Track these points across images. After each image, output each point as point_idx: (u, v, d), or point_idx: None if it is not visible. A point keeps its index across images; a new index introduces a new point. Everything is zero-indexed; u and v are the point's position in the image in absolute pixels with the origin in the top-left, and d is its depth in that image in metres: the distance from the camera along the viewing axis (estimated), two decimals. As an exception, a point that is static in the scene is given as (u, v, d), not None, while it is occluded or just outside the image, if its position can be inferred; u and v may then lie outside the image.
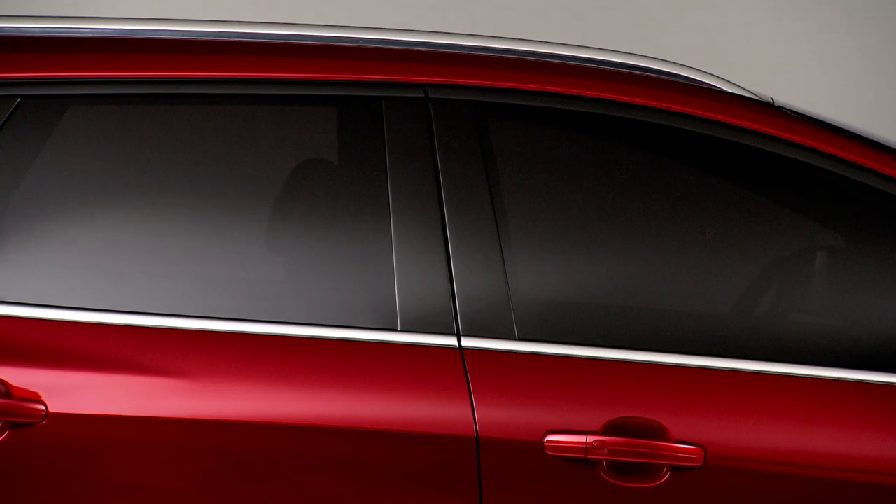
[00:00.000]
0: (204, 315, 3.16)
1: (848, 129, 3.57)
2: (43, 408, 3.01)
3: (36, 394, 3.04)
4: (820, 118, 3.55)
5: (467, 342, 3.14)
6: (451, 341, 3.14)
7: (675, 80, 3.55)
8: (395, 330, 3.14)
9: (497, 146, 3.35)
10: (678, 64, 3.76)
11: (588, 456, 3.10)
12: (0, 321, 3.13)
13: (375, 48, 3.48)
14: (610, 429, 3.09)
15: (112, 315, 3.14)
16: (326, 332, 3.15)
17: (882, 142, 3.59)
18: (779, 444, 3.14)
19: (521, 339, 3.16)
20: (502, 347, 3.15)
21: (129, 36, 3.53)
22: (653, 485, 3.11)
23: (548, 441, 3.09)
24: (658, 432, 3.12)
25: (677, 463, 3.10)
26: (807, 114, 3.55)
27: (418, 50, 3.48)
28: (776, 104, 3.51)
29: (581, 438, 3.10)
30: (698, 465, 3.08)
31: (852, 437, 3.19)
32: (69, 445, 3.07)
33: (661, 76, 3.60)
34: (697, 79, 3.59)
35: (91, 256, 3.31)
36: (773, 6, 9.18)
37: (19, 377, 3.04)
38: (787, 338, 3.32)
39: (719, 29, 8.89)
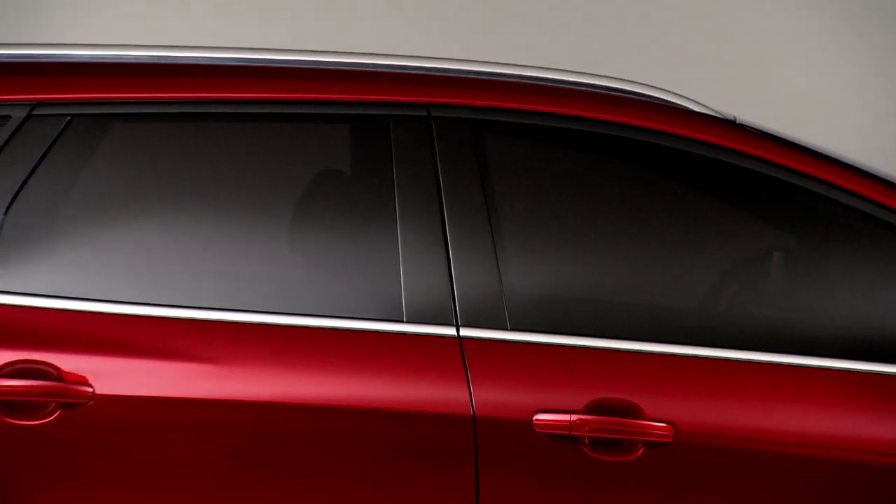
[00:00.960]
0: (232, 308, 3.18)
1: (800, 143, 3.55)
2: (90, 390, 3.05)
3: (84, 378, 3.06)
4: (776, 134, 3.55)
5: (465, 332, 3.16)
6: (450, 331, 3.16)
7: (650, 100, 3.56)
8: (401, 321, 3.17)
9: (491, 158, 3.36)
10: (652, 86, 3.72)
11: (572, 433, 3.11)
12: (53, 314, 3.14)
13: (383, 72, 3.49)
14: (591, 408, 3.10)
15: (150, 308, 3.16)
16: (340, 323, 3.17)
17: (830, 154, 3.57)
18: (741, 423, 3.16)
19: (513, 329, 3.18)
20: (496, 337, 3.17)
21: (165, 62, 3.53)
22: (629, 458, 3.12)
23: (536, 419, 3.11)
24: (634, 411, 3.14)
25: (651, 439, 3.13)
26: (765, 130, 3.53)
27: (421, 73, 3.50)
28: (738, 121, 3.52)
29: (566, 417, 3.12)
30: (669, 440, 3.11)
31: (806, 417, 3.19)
32: (113, 423, 3.09)
33: (637, 97, 3.62)
34: (669, 99, 3.58)
35: (131, 256, 3.30)
36: (737, 31, 9.24)
37: (69, 363, 3.06)
38: (748, 328, 3.35)
39: (691, 53, 8.97)
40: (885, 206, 3.39)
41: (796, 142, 3.53)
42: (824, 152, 3.54)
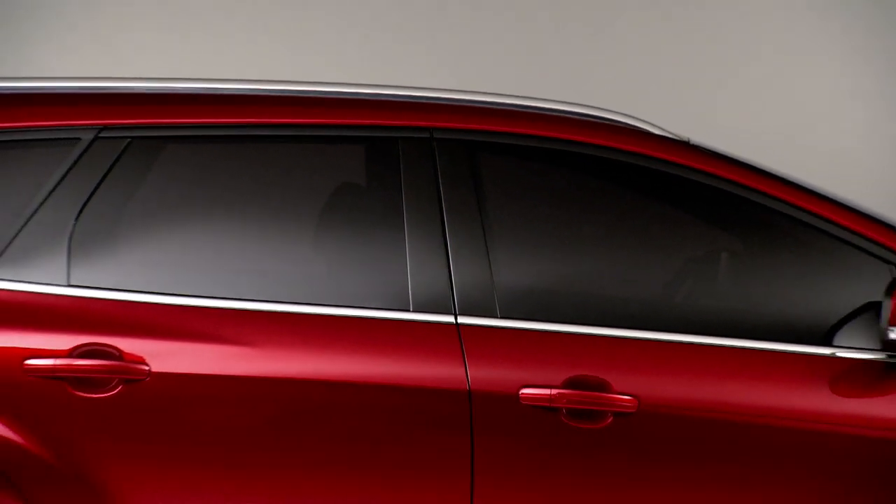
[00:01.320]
0: (266, 299, 3.39)
1: (744, 160, 3.75)
2: (147, 368, 3.27)
3: (142, 358, 3.28)
4: (724, 153, 3.73)
5: (462, 320, 3.36)
6: (449, 319, 3.36)
7: (619, 124, 3.75)
8: (407, 310, 3.38)
9: (483, 173, 3.55)
10: (622, 113, 3.93)
11: (552, 404, 3.31)
12: (116, 304, 3.36)
13: (392, 101, 3.68)
14: (568, 384, 3.31)
15: (197, 299, 3.38)
16: (357, 312, 3.38)
17: (769, 169, 3.75)
18: (695, 396, 3.36)
19: (503, 317, 3.38)
20: (488, 324, 3.37)
21: (209, 92, 3.74)
22: (600, 426, 3.32)
23: (522, 393, 3.31)
24: (604, 386, 3.33)
25: (618, 410, 3.33)
26: (714, 150, 3.72)
27: (424, 102, 3.69)
28: (691, 142, 3.74)
29: (547, 391, 3.31)
30: (634, 411, 3.32)
31: (747, 391, 3.40)
32: (165, 397, 3.31)
33: (609, 122, 3.79)
34: (635, 124, 3.80)
35: (181, 256, 3.53)
36: (694, 63, 9.37)
37: (129, 346, 3.28)
38: (700, 316, 3.54)
39: (656, 83, 9.14)
40: (815, 214, 3.56)
41: (740, 159, 3.71)
42: (764, 168, 3.72)
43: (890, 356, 3.47)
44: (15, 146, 3.53)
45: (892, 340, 3.40)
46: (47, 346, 3.30)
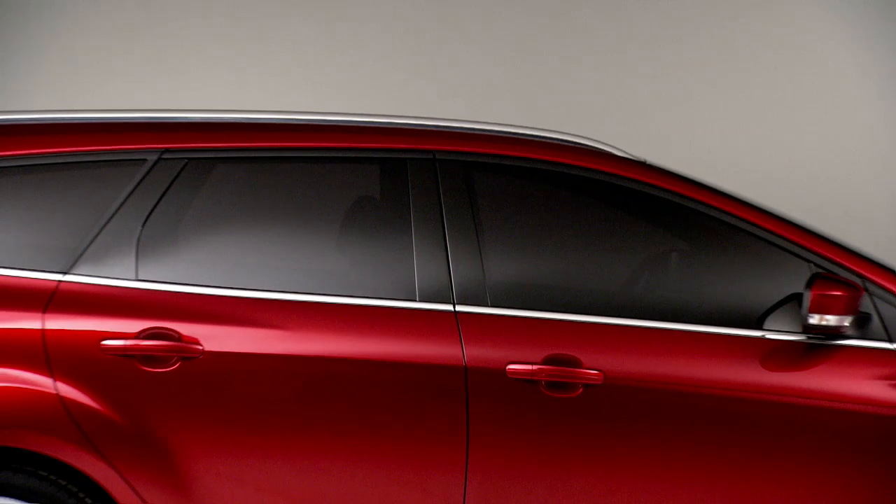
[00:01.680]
0: (299, 291, 3.69)
1: (691, 177, 4.03)
2: (200, 348, 3.57)
3: (196, 339, 3.58)
4: (674, 171, 4.02)
5: (459, 308, 3.67)
6: (449, 308, 3.67)
7: (589, 148, 4.08)
8: (415, 300, 3.69)
9: (477, 188, 3.86)
10: (591, 139, 4.22)
11: (533, 378, 3.62)
12: (175, 295, 3.66)
13: (402, 128, 3.98)
14: (546, 361, 3.62)
15: (243, 291, 3.70)
16: (374, 301, 3.69)
17: (710, 184, 4.02)
18: (650, 371, 3.67)
19: (492, 305, 3.69)
20: (481, 311, 3.67)
21: (253, 121, 4.03)
22: (573, 395, 3.62)
23: (508, 369, 3.60)
24: (576, 363, 3.63)
25: (587, 381, 3.61)
26: (666, 168, 4.02)
27: (427, 129, 4.00)
28: (647, 162, 4.02)
29: (529, 367, 3.61)
30: (600, 383, 3.61)
31: (693, 366, 3.70)
32: (215, 371, 3.62)
33: (581, 146, 4.09)
34: (602, 147, 4.11)
35: (229, 255, 3.82)
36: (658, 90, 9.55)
37: (186, 329, 3.59)
38: (655, 305, 3.84)
39: (620, 112, 9.32)
40: (748, 221, 3.84)
41: (687, 176, 3.99)
42: (706, 183, 4.00)
43: (810, 338, 3.72)
44: (93, 165, 3.78)
45: (811, 325, 3.65)
46: (119, 330, 3.56)
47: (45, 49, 9.21)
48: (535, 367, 3.64)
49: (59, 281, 3.62)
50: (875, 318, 3.78)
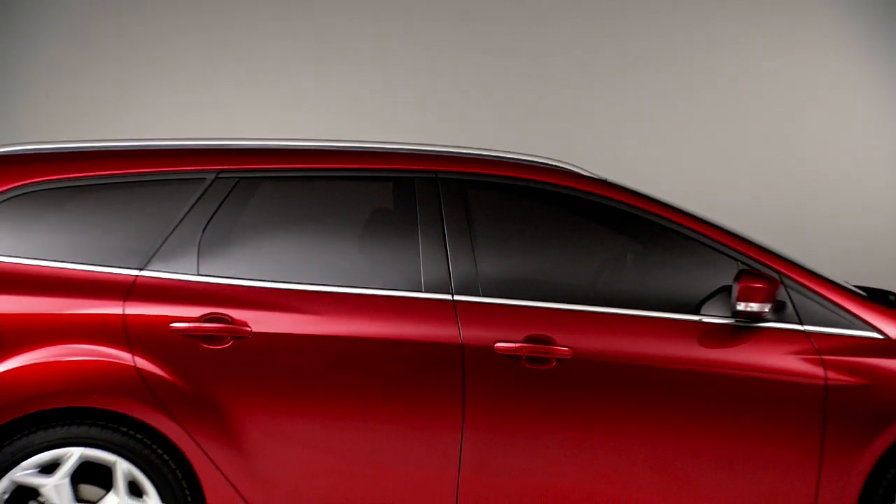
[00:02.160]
0: (328, 283, 3.96)
1: (643, 192, 4.30)
2: (249, 329, 3.84)
3: (246, 322, 3.85)
4: (629, 187, 4.29)
5: (457, 297, 3.97)
6: (448, 297, 3.97)
7: (560, 168, 4.34)
8: (420, 291, 3.97)
9: (471, 200, 4.13)
10: (561, 161, 4.47)
11: (515, 353, 3.92)
12: (229, 287, 3.93)
13: (410, 152, 4.27)
14: (526, 339, 3.92)
15: (283, 284, 3.94)
16: (387, 292, 3.97)
17: (658, 197, 4.28)
18: (610, 347, 3.98)
19: (483, 295, 3.98)
20: (474, 300, 3.97)
21: (289, 147, 4.28)
22: (548, 368, 3.93)
23: (496, 346, 3.90)
24: (550, 341, 3.93)
25: (559, 356, 3.92)
26: (623, 185, 4.28)
27: (431, 153, 4.29)
28: (608, 180, 4.29)
29: (512, 345, 3.92)
30: (570, 357, 3.91)
31: (647, 344, 4.00)
32: (261, 349, 3.88)
33: (554, 167, 4.35)
34: (571, 168, 4.37)
35: (271, 255, 4.04)
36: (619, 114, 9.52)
37: (237, 314, 3.87)
38: (614, 295, 4.11)
39: (588, 137, 9.26)
40: (687, 227, 4.12)
41: (639, 191, 4.26)
42: (655, 196, 4.28)
43: (737, 321, 4.02)
44: (164, 183, 4.05)
45: (739, 311, 3.93)
46: (184, 315, 3.83)
47: (126, 88, 9.30)
48: (517, 344, 3.93)
49: (137, 276, 3.88)
50: (789, 305, 4.06)
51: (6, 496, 3.76)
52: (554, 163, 4.36)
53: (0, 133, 8.48)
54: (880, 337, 4.03)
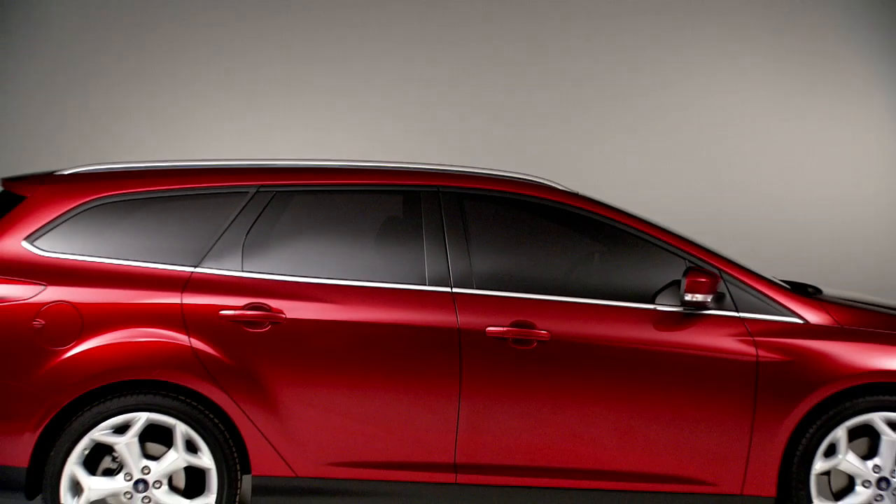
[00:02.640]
0: (349, 278, 4.20)
1: (606, 202, 4.47)
2: (284, 316, 4.10)
3: (281, 310, 4.10)
4: (597, 199, 4.46)
5: (455, 290, 4.21)
6: (448, 289, 4.21)
7: (540, 183, 4.50)
8: (425, 284, 4.21)
9: (467, 210, 4.33)
10: (541, 177, 4.64)
11: (503, 336, 4.14)
12: (268, 281, 4.15)
13: (417, 170, 4.43)
14: (512, 324, 4.15)
15: (311, 278, 4.17)
16: (398, 285, 4.20)
17: (619, 206, 4.44)
18: (581, 331, 4.19)
19: (477, 287, 4.21)
20: (469, 292, 4.21)
21: (318, 165, 4.44)
22: (530, 348, 4.15)
23: (487, 330, 4.14)
24: (532, 326, 4.16)
25: (539, 339, 4.14)
26: (592, 197, 4.46)
27: (434, 171, 4.45)
28: (579, 193, 4.47)
29: (501, 329, 4.15)
30: (547, 339, 4.15)
31: (610, 327, 4.20)
32: (294, 332, 4.11)
33: (534, 182, 4.49)
34: (548, 182, 4.53)
35: (301, 254, 4.23)
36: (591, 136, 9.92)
37: (274, 303, 4.11)
38: (584, 287, 4.30)
39: (569, 157, 9.76)
40: (644, 231, 4.32)
41: (604, 201, 4.46)
42: (616, 206, 4.46)
43: (685, 309, 4.22)
44: (214, 196, 4.26)
45: (686, 301, 4.15)
46: (231, 304, 4.09)
47: (181, 116, 9.84)
48: (504, 328, 4.15)
49: (192, 272, 4.12)
50: (727, 296, 4.26)
51: (87, 452, 3.98)
52: (534, 178, 4.56)
53: (80, 155, 8.76)
54: (801, 322, 4.23)
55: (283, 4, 9.58)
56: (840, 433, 4.17)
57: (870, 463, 4.20)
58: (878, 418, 4.16)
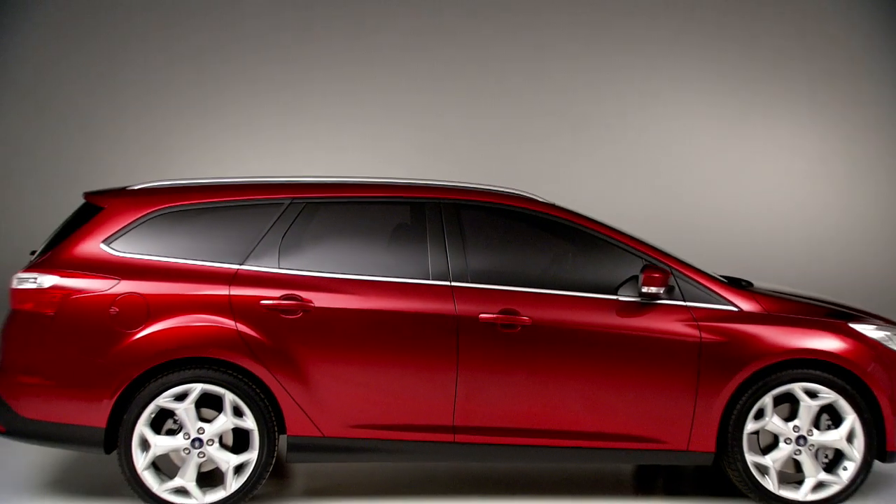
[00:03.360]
0: (365, 274, 4.32)
1: (578, 211, 4.58)
2: (313, 305, 4.25)
3: (310, 300, 4.25)
4: (570, 209, 4.58)
5: (454, 283, 4.34)
6: (447, 283, 4.34)
7: (523, 196, 4.61)
8: (428, 279, 4.34)
9: (463, 218, 4.45)
10: (523, 190, 4.75)
11: (493, 322, 4.28)
12: (300, 277, 4.26)
13: (421, 185, 4.54)
14: (500, 312, 4.30)
15: (335, 273, 4.30)
16: (406, 280, 4.33)
17: (589, 216, 4.54)
18: (557, 317, 4.32)
19: (472, 282, 4.34)
20: (465, 285, 4.33)
21: (341, 181, 4.54)
22: (515, 331, 4.29)
23: (480, 317, 4.29)
24: (516, 313, 4.30)
25: (522, 324, 4.29)
26: (567, 207, 4.57)
27: (436, 186, 4.55)
28: (556, 204, 4.59)
29: (491, 315, 4.29)
30: (529, 324, 4.29)
31: (580, 314, 4.34)
32: (322, 318, 4.25)
33: (518, 195, 4.60)
34: (529, 195, 4.64)
35: (327, 253, 4.33)
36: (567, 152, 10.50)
37: (305, 294, 4.25)
38: (559, 281, 4.42)
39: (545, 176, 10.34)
40: (608, 236, 4.46)
41: (576, 211, 4.57)
42: (587, 214, 4.58)
43: (642, 300, 4.37)
44: (255, 206, 4.40)
45: (643, 293, 4.32)
46: (269, 295, 4.25)
47: (229, 139, 10.76)
48: (494, 315, 4.31)
49: (238, 269, 4.28)
50: (676, 288, 4.44)
51: (153, 416, 4.20)
52: (519, 192, 4.69)
53: (147, 172, 9.49)
54: (736, 309, 4.42)
55: (318, 53, 10.62)
56: (767, 400, 4.39)
57: (790, 424, 4.42)
58: (797, 388, 4.39)
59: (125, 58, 10.66)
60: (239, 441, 4.33)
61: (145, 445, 4.26)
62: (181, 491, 4.26)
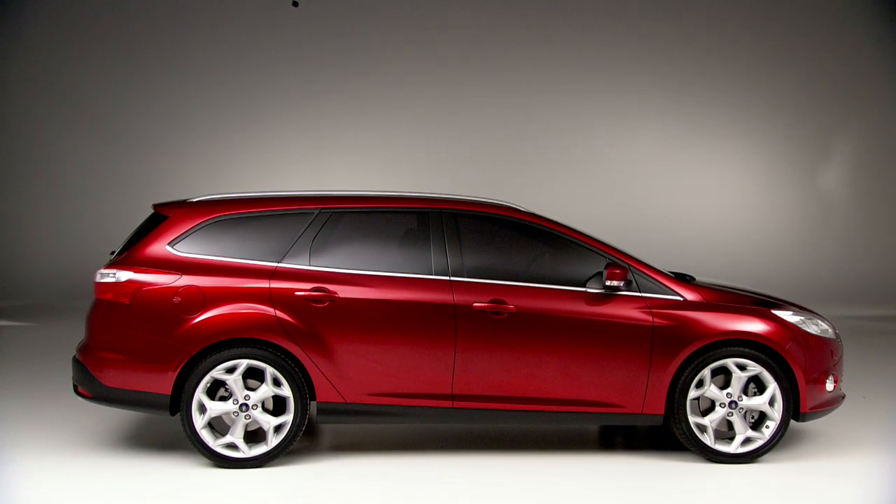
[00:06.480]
0: (380, 270, 4.27)
1: (553, 218, 4.47)
2: (337, 295, 4.19)
3: (335, 292, 4.19)
4: (549, 217, 4.51)
5: (453, 278, 4.29)
6: (447, 278, 4.29)
7: (508, 206, 4.53)
8: (431, 274, 4.28)
9: (461, 224, 4.38)
10: (510, 203, 4.66)
11: (485, 309, 4.23)
12: (327, 272, 4.19)
13: (425, 197, 4.48)
14: (490, 301, 4.24)
15: (355, 270, 4.24)
16: (412, 275, 4.26)
17: (564, 223, 4.48)
18: (536, 305, 4.25)
19: (467, 277, 4.28)
20: (462, 279, 4.28)
21: (356, 194, 4.46)
22: (503, 317, 4.23)
23: (474, 305, 4.23)
24: (504, 302, 4.24)
25: (508, 311, 4.23)
26: (545, 216, 4.50)
27: (438, 198, 4.48)
28: (536, 213, 4.50)
29: (483, 304, 4.23)
30: (514, 311, 4.23)
31: (555, 303, 4.27)
32: (345, 307, 4.19)
33: (504, 204, 4.53)
34: (513, 206, 4.56)
35: (348, 254, 4.27)
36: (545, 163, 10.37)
37: (331, 287, 4.18)
38: (538, 277, 4.34)
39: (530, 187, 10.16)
40: (577, 238, 4.39)
41: (552, 218, 4.53)
42: (562, 222, 4.53)
43: (605, 292, 4.31)
44: (289, 215, 4.34)
45: (607, 286, 4.25)
46: (302, 287, 4.19)
47: (269, 158, 10.75)
48: (485, 304, 4.26)
49: (276, 266, 4.24)
50: (633, 282, 4.39)
51: (208, 385, 4.16)
52: (505, 202, 4.65)
53: (203, 186, 9.56)
54: (681, 299, 4.39)
55: (348, 92, 10.72)
56: (706, 372, 4.35)
57: (724, 391, 4.39)
58: (730, 362, 4.36)
59: (185, 93, 10.86)
60: (278, 406, 4.29)
61: (202, 409, 4.23)
62: (231, 446, 4.23)
